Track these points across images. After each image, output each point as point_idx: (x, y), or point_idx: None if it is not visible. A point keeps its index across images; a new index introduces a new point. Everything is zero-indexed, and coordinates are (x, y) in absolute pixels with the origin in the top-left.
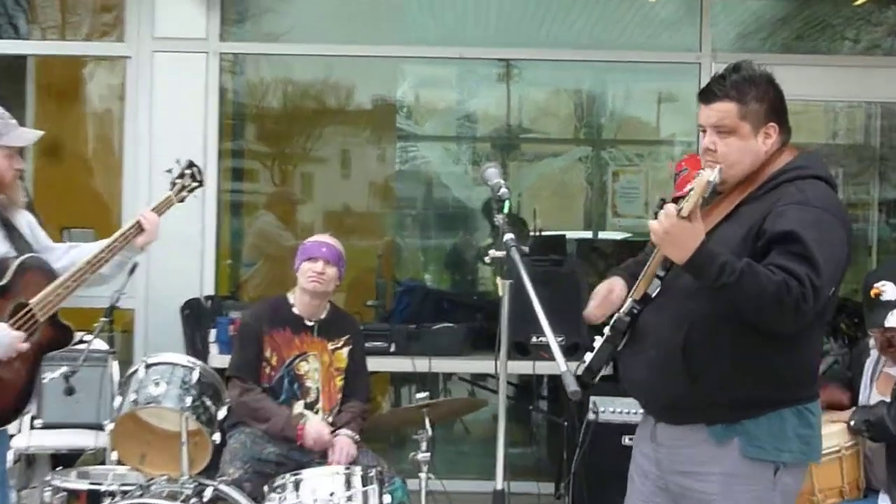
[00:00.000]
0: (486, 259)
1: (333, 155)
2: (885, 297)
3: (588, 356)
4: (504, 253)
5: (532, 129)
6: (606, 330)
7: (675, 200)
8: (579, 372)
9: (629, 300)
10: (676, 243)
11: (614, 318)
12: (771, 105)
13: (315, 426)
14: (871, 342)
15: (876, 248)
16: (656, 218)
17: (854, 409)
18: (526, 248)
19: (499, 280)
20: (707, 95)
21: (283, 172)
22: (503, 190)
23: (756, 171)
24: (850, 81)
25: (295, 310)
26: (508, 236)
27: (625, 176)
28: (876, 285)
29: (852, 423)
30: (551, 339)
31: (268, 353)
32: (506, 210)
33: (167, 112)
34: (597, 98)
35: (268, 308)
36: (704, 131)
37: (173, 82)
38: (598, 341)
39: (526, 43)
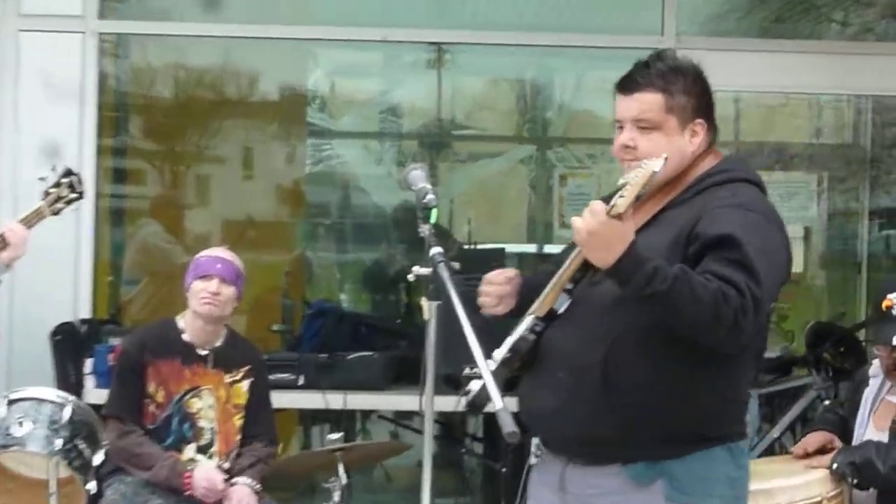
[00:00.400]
0: (410, 277)
1: (234, 154)
2: None
3: (475, 384)
4: (430, 270)
5: (466, 124)
6: (500, 352)
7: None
8: (465, 403)
9: (530, 317)
10: (602, 245)
11: (514, 337)
12: (699, 100)
13: (205, 473)
14: (871, 370)
15: (866, 264)
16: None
17: (837, 450)
18: (457, 265)
19: (424, 301)
20: (628, 84)
21: (174, 174)
22: (430, 196)
23: (681, 173)
24: (837, 71)
25: (185, 336)
26: (435, 250)
27: (574, 180)
28: (889, 296)
29: (835, 466)
30: (485, 371)
31: (152, 388)
32: (432, 219)
33: (35, 102)
34: (542, 89)
35: (152, 334)
36: (621, 127)
37: (43, 67)
38: (490, 365)
39: (460, 24)
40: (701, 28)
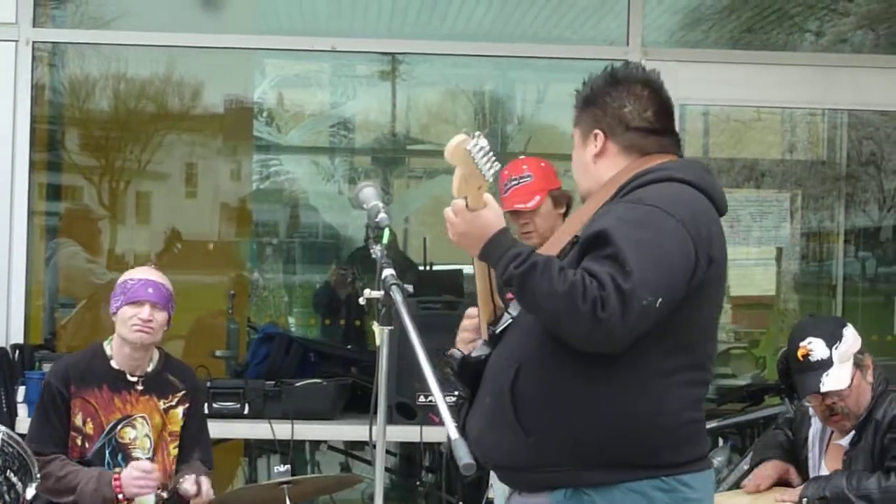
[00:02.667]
0: (361, 300)
1: (175, 169)
2: (814, 357)
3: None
4: (382, 293)
5: (422, 139)
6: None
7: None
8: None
9: (479, 341)
10: (475, 240)
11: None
12: (603, 108)
13: (132, 467)
14: (812, 409)
15: (841, 287)
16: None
17: (805, 483)
18: (410, 287)
19: (375, 326)
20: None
21: (112, 190)
22: (382, 215)
23: (609, 183)
24: (811, 84)
25: (114, 363)
26: (388, 272)
27: None
28: (801, 344)
29: (804, 500)
30: (439, 400)
31: (79, 421)
32: (385, 240)
33: None
34: (502, 102)
35: (77, 364)
36: None
37: None
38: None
39: (415, 34)
40: (668, 39)
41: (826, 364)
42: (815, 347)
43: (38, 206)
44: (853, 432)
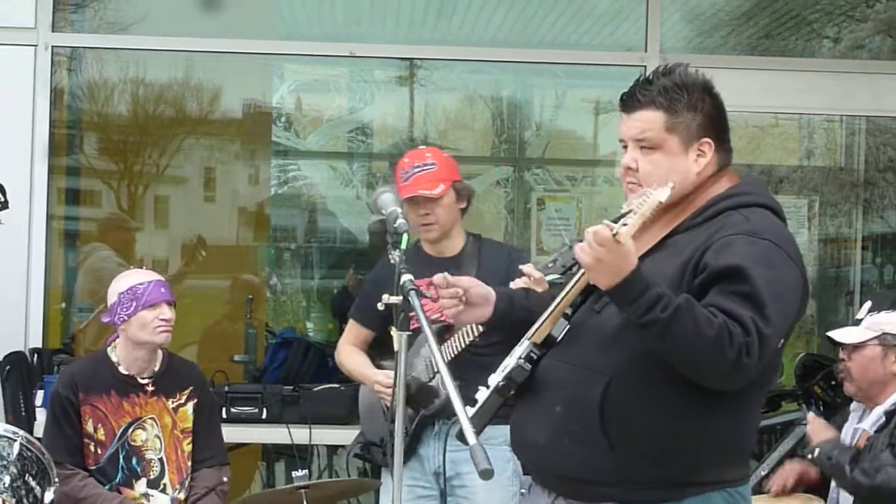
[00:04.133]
0: (380, 306)
1: (194, 174)
2: (858, 315)
3: (469, 411)
4: (401, 298)
5: (440, 144)
6: (495, 378)
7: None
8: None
9: (526, 342)
10: (607, 271)
11: (509, 365)
12: (707, 117)
13: None
14: (852, 405)
15: (859, 292)
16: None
17: (825, 440)
18: (429, 293)
19: (394, 332)
20: (629, 103)
21: (131, 195)
22: (401, 220)
23: (689, 195)
24: (829, 90)
25: (121, 369)
26: (406, 278)
27: (553, 203)
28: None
29: (816, 451)
30: (458, 405)
31: (90, 427)
32: (404, 245)
33: None
34: (520, 107)
35: (83, 371)
36: (625, 147)
37: None
38: (483, 392)
39: (433, 39)
40: (686, 45)
41: (856, 323)
42: (863, 309)
43: (57, 210)
44: (882, 418)
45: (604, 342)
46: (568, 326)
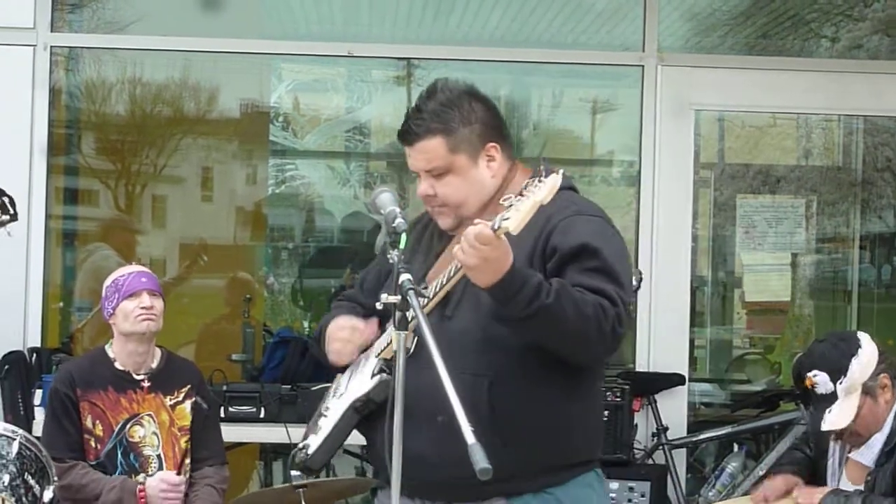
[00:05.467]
0: (378, 305)
1: (192, 173)
2: (819, 391)
3: (315, 437)
4: (399, 298)
5: None
6: (340, 402)
7: None
8: (302, 458)
9: (372, 359)
10: (491, 268)
11: (369, 383)
12: (483, 124)
13: (158, 477)
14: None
15: (857, 294)
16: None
17: (825, 494)
18: (428, 291)
19: (392, 331)
20: (407, 136)
21: (129, 194)
22: (399, 220)
23: (494, 197)
24: (826, 89)
25: (118, 365)
26: (405, 277)
27: None
28: (807, 375)
29: None
30: (456, 405)
31: (89, 423)
32: (402, 245)
33: None
34: (517, 107)
35: (80, 368)
36: (418, 176)
37: None
38: (332, 416)
39: (430, 39)
40: (684, 44)
41: (830, 398)
42: (820, 381)
43: (55, 210)
44: (878, 453)
45: (471, 345)
46: (416, 338)
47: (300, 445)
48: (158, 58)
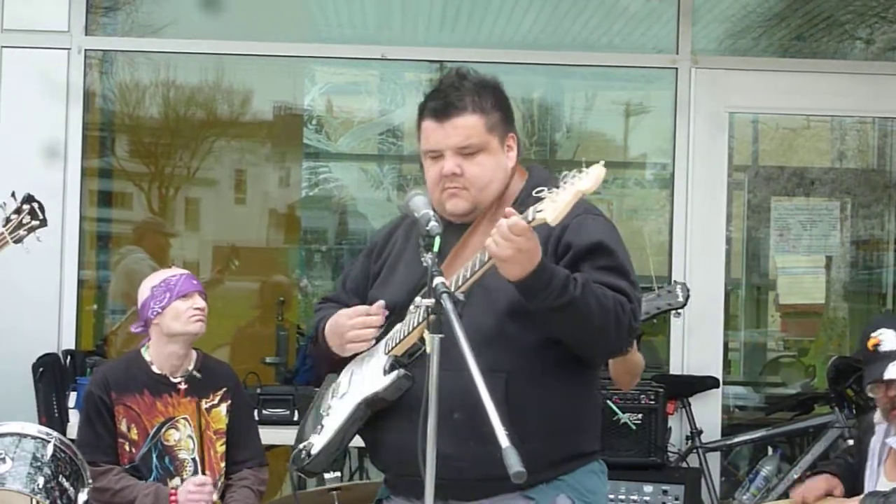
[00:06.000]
0: (412, 308)
1: (225, 176)
2: (883, 348)
3: (318, 437)
4: (433, 301)
5: None
6: (347, 400)
7: None
8: (304, 459)
9: (386, 357)
10: (523, 260)
11: (384, 379)
12: (507, 113)
13: (189, 482)
14: (876, 416)
15: (891, 295)
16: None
17: (863, 496)
18: (461, 296)
19: (426, 334)
20: (446, 110)
21: (162, 197)
22: (433, 223)
23: (505, 189)
24: (861, 92)
25: (154, 368)
26: (438, 280)
27: None
28: (873, 334)
29: None
30: (490, 407)
31: (124, 427)
32: (436, 248)
33: (18, 121)
34: (550, 110)
35: (115, 371)
36: (439, 156)
37: (26, 85)
38: (336, 415)
39: (463, 42)
40: (717, 47)
41: (894, 355)
42: (886, 338)
43: (89, 212)
44: None
45: (485, 342)
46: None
47: (301, 446)
48: (192, 61)
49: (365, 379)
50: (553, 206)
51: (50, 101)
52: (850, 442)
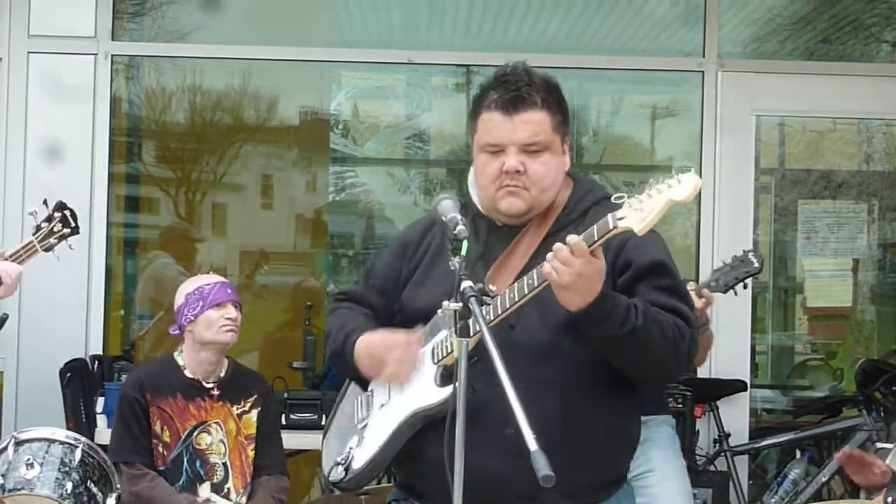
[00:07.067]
0: (439, 312)
1: (252, 181)
2: None
3: (360, 452)
4: (461, 305)
5: None
6: (391, 413)
7: None
8: (341, 475)
9: (434, 366)
10: (585, 287)
11: (434, 394)
12: (567, 115)
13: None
14: None
15: None
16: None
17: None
18: (489, 298)
19: (454, 338)
20: (514, 102)
21: (189, 202)
22: (461, 227)
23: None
24: (887, 94)
25: (187, 373)
26: (466, 284)
27: None
28: None
29: (890, 500)
30: (518, 410)
31: (157, 429)
32: (464, 252)
33: (45, 127)
34: (577, 114)
35: (150, 373)
36: (496, 151)
37: (53, 90)
38: (380, 429)
39: (489, 46)
40: (744, 50)
41: None
42: None
43: (117, 218)
44: None
45: (539, 356)
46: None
47: (338, 460)
48: (218, 66)
49: (414, 390)
50: (638, 215)
51: (76, 106)
52: (878, 445)
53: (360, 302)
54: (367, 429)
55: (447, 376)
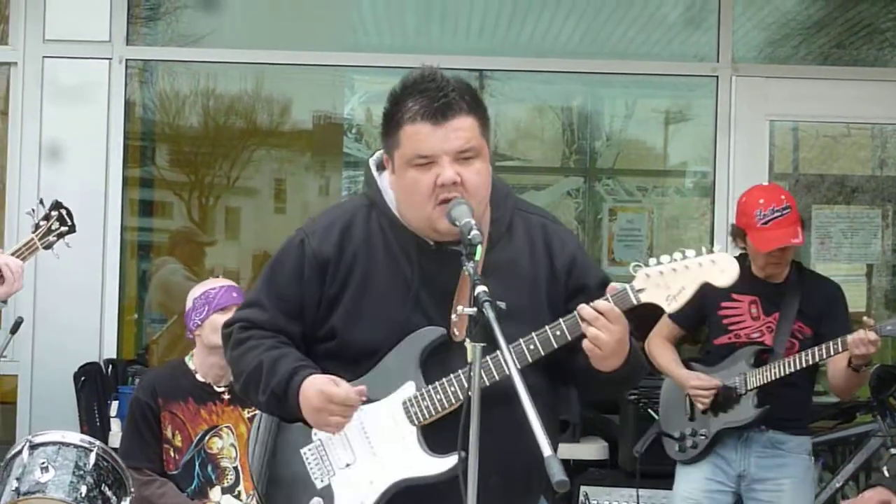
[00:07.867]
0: (454, 317)
1: (265, 185)
2: None
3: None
4: (475, 309)
5: (510, 154)
6: (359, 481)
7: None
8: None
9: (415, 428)
10: (620, 349)
11: (435, 465)
12: (488, 119)
13: None
14: None
15: None
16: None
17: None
18: (503, 304)
19: (468, 342)
20: (444, 111)
21: (202, 206)
22: (475, 232)
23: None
24: None
25: (199, 377)
26: (480, 289)
27: (625, 214)
28: None
29: None
30: (532, 416)
31: (169, 433)
32: (478, 256)
33: (60, 130)
34: (590, 118)
35: (162, 378)
36: (426, 164)
37: (68, 94)
38: (348, 496)
39: (502, 50)
40: (757, 54)
41: None
42: None
43: (130, 221)
44: None
45: (505, 400)
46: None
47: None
48: (231, 70)
49: (393, 454)
50: (663, 292)
51: (91, 110)
52: (893, 451)
53: (270, 330)
54: (332, 492)
55: (445, 443)
